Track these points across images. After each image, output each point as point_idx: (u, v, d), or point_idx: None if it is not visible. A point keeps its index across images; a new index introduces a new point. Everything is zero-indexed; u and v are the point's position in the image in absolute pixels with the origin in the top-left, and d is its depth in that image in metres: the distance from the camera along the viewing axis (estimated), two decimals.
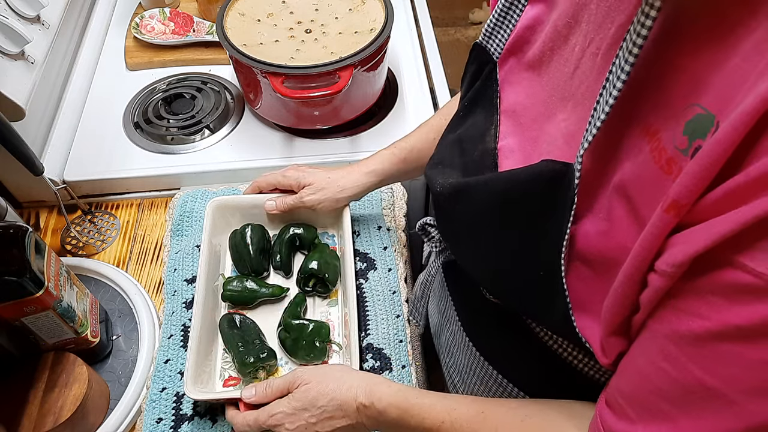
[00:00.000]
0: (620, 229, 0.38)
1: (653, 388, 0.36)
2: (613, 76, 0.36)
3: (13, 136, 0.69)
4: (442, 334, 0.70)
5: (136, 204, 0.95)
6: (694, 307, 0.33)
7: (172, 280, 0.82)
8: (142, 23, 1.11)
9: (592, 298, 0.41)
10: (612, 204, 0.39)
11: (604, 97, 0.37)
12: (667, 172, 0.34)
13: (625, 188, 0.37)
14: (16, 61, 0.80)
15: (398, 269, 0.83)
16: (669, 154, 0.34)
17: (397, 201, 0.92)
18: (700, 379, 0.33)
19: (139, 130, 0.99)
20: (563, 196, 0.40)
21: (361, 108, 0.98)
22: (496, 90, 0.53)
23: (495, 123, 0.53)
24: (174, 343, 0.76)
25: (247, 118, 1.02)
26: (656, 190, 0.35)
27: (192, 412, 0.71)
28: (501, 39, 0.53)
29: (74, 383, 0.66)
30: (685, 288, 0.33)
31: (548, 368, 0.53)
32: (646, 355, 0.37)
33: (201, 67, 1.09)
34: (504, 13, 0.52)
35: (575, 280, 0.42)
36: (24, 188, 0.92)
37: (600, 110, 0.37)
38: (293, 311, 0.76)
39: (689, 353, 0.33)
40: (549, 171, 0.41)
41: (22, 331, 0.65)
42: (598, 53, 0.41)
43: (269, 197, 0.82)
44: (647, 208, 0.35)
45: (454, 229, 0.54)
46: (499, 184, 0.46)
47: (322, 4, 0.96)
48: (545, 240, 0.42)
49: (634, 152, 0.37)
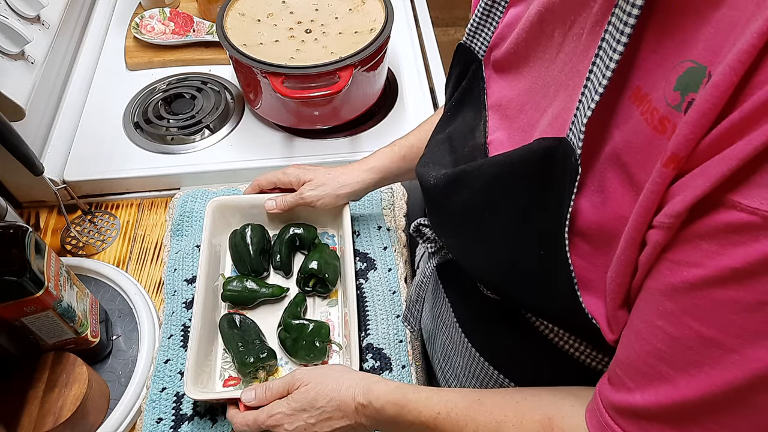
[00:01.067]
0: (615, 198, 0.38)
1: (650, 350, 0.35)
2: (608, 44, 0.36)
3: (13, 136, 0.69)
4: (436, 338, 0.70)
5: (136, 204, 0.95)
6: (688, 256, 0.32)
7: (172, 280, 0.82)
8: (142, 23, 1.11)
9: (594, 275, 0.41)
10: (605, 175, 0.38)
11: (599, 67, 0.37)
12: (661, 131, 0.34)
13: (618, 156, 0.37)
14: (16, 61, 0.80)
15: (398, 269, 0.83)
16: (661, 112, 0.34)
17: (397, 201, 0.92)
18: (698, 331, 0.32)
19: (139, 130, 0.99)
20: (560, 170, 0.40)
21: (361, 108, 0.98)
22: (482, 87, 0.54)
23: (484, 119, 0.53)
24: (174, 343, 0.76)
25: (247, 118, 1.02)
26: (650, 151, 0.34)
27: (192, 412, 0.71)
28: (485, 38, 0.53)
29: (74, 383, 0.66)
30: (680, 238, 0.32)
31: (550, 363, 0.53)
32: (642, 316, 0.36)
33: (201, 67, 1.09)
34: (486, 12, 0.53)
35: (575, 257, 0.41)
36: (24, 188, 0.92)
37: (596, 81, 0.37)
38: (293, 311, 0.76)
39: (684, 305, 0.33)
40: (541, 148, 0.41)
41: (22, 331, 0.65)
42: (583, 32, 0.41)
43: (269, 197, 0.82)
44: (642, 172, 0.35)
45: (449, 221, 0.53)
46: (494, 166, 0.46)
47: (322, 4, 0.96)
48: (544, 217, 0.42)
49: (624, 120, 0.37)
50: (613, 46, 0.36)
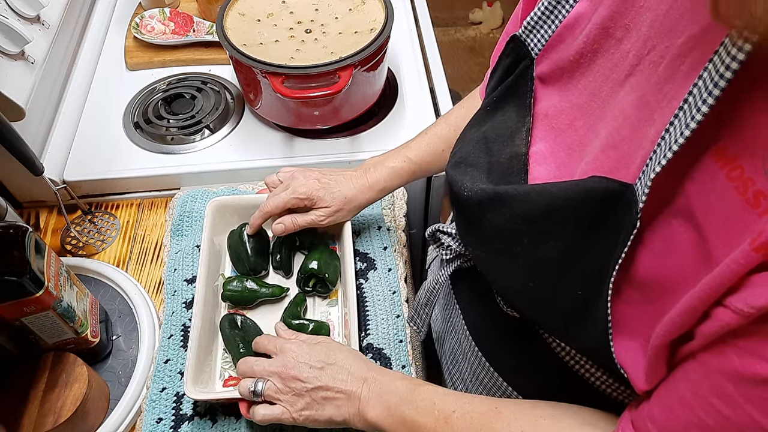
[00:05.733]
0: (680, 255, 0.36)
1: (697, 422, 0.35)
2: (696, 98, 0.33)
3: (13, 136, 0.69)
4: (445, 340, 0.69)
5: (136, 204, 0.95)
6: (763, 350, 0.31)
7: (172, 280, 0.81)
8: (142, 23, 1.11)
9: (637, 323, 0.39)
10: (674, 229, 0.36)
11: (682, 120, 0.34)
12: (754, 206, 0.31)
13: (693, 215, 0.35)
14: (16, 61, 0.80)
15: (398, 269, 0.83)
16: (758, 186, 0.31)
17: (397, 201, 0.92)
18: (758, 421, 0.32)
19: (139, 130, 0.99)
20: (618, 217, 0.38)
21: (361, 108, 0.98)
22: (530, 89, 0.50)
23: (527, 125, 0.49)
24: (174, 343, 0.76)
25: (247, 118, 1.02)
26: (737, 224, 0.32)
27: (192, 412, 0.71)
28: (543, 35, 0.49)
29: (74, 383, 0.66)
30: (757, 330, 0.31)
31: (561, 382, 0.52)
32: (693, 388, 0.35)
33: (201, 67, 1.09)
34: (552, 7, 0.48)
35: (620, 303, 0.40)
36: (24, 188, 0.92)
37: (676, 134, 0.34)
38: (293, 311, 0.76)
39: (749, 395, 0.32)
40: (603, 190, 0.39)
41: (22, 331, 0.65)
42: (661, 62, 0.38)
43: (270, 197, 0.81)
44: (721, 242, 0.33)
45: (481, 238, 0.49)
46: (543, 197, 0.43)
47: (322, 4, 0.96)
48: (591, 260, 0.40)
49: (703, 178, 0.34)
50: (704, 97, 0.33)
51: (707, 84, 0.33)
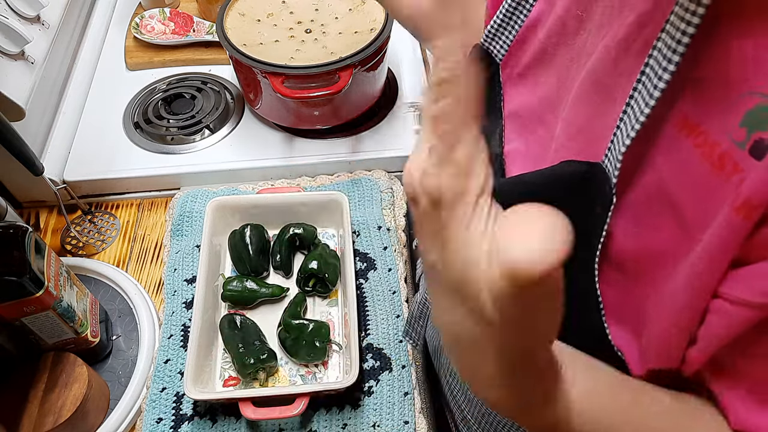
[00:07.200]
0: (656, 229, 0.35)
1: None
2: (653, 70, 0.33)
3: (13, 136, 0.69)
4: (442, 353, 0.68)
5: (136, 204, 0.95)
6: None
7: (172, 280, 0.82)
8: (142, 23, 1.11)
9: (624, 305, 0.39)
10: (646, 204, 0.36)
11: (642, 93, 0.34)
12: (719, 168, 0.31)
13: (665, 187, 0.34)
14: (16, 61, 0.80)
15: (398, 269, 0.83)
16: (723, 147, 0.31)
17: (397, 201, 0.92)
18: None
19: (139, 130, 0.99)
20: (591, 196, 0.38)
21: (361, 108, 0.98)
22: (499, 93, 0.51)
23: (500, 127, 0.50)
24: (174, 343, 0.76)
25: (247, 118, 1.02)
26: (706, 190, 0.32)
27: (192, 412, 0.71)
28: (505, 41, 0.50)
29: (74, 383, 0.66)
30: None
31: None
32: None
33: (201, 67, 1.09)
34: (510, 13, 0.48)
35: (605, 286, 0.39)
36: (24, 188, 0.92)
37: (637, 108, 0.34)
38: (293, 311, 0.76)
39: None
40: (571, 173, 0.39)
41: (22, 331, 0.65)
42: (613, 43, 0.38)
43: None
44: (694, 209, 0.33)
45: None
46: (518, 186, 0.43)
47: (322, 4, 0.96)
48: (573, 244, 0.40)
49: (670, 149, 0.34)
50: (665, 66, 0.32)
51: (665, 53, 0.32)
